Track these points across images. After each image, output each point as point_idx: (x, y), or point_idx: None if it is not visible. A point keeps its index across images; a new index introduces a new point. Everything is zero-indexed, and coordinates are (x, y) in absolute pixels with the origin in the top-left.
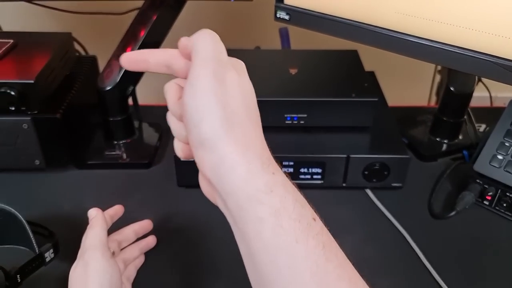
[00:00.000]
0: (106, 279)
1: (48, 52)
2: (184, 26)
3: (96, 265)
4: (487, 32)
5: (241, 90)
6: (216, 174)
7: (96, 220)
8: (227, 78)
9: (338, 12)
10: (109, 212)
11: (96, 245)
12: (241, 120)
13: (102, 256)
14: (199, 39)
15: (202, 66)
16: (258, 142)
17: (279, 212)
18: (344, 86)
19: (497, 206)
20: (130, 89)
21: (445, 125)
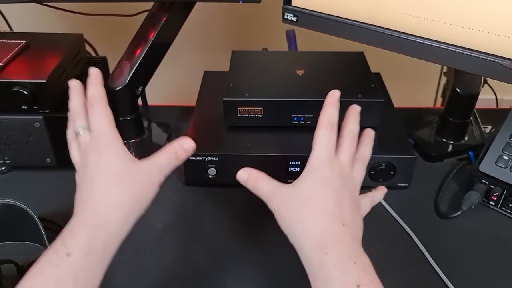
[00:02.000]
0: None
1: (60, 52)
2: (193, 27)
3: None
4: (493, 33)
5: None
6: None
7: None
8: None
9: (345, 13)
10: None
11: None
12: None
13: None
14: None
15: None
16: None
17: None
18: (351, 87)
19: (503, 206)
20: (139, 90)
21: (451, 126)
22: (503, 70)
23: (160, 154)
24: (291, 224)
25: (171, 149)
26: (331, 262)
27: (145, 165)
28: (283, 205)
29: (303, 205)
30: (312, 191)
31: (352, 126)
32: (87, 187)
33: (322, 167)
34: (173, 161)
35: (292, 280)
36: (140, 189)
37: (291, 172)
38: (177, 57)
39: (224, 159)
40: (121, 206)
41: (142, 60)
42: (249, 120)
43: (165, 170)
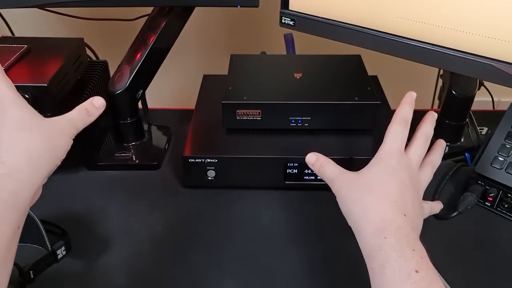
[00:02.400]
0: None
1: (61, 57)
2: (193, 32)
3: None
4: (487, 36)
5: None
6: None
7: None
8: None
9: (342, 17)
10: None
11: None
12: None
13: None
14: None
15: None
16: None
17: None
18: (347, 90)
19: (498, 207)
20: (139, 93)
21: (447, 128)
22: (497, 73)
23: (72, 112)
24: (352, 206)
25: (82, 106)
26: (390, 245)
27: (56, 118)
28: (346, 188)
29: (367, 190)
30: (377, 178)
31: (427, 129)
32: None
33: (390, 158)
34: (85, 116)
35: (291, 282)
36: (50, 136)
37: (289, 174)
38: (176, 61)
39: (223, 161)
40: (30, 152)
41: (142, 64)
42: (247, 122)
43: (76, 123)
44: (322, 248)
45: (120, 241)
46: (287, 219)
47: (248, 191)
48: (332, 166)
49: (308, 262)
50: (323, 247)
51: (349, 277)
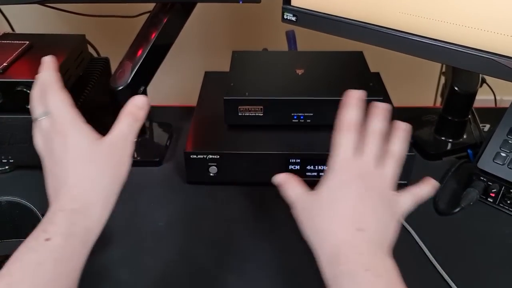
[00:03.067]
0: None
1: (63, 53)
2: (194, 28)
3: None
4: (490, 31)
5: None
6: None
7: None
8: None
9: (344, 13)
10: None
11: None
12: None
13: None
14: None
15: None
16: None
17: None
18: (349, 86)
19: (501, 203)
20: (141, 89)
21: (449, 125)
22: (499, 67)
23: (119, 123)
24: (310, 234)
25: (127, 113)
26: (341, 273)
27: (112, 141)
28: (303, 213)
29: (320, 213)
30: (329, 197)
31: (375, 125)
32: (59, 172)
33: (340, 171)
34: (134, 124)
35: (295, 278)
36: (114, 164)
37: (291, 170)
38: (178, 58)
39: (224, 158)
40: (99, 187)
41: (144, 61)
42: (249, 118)
43: (130, 137)
44: None
45: (122, 237)
46: (290, 215)
47: (250, 188)
48: (295, 187)
49: (312, 256)
50: None
51: None
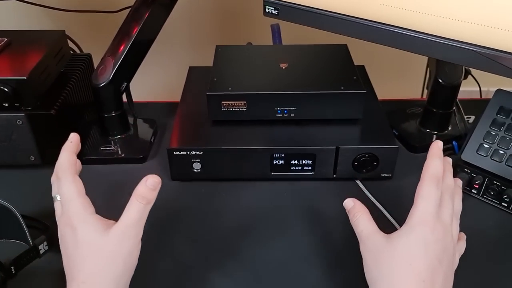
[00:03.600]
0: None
1: (42, 49)
2: (179, 23)
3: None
4: (472, 22)
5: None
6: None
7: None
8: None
9: (326, 5)
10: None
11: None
12: None
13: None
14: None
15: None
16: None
17: None
18: (333, 79)
19: (484, 194)
20: (124, 86)
21: (434, 117)
22: (480, 59)
23: (129, 208)
24: (378, 278)
25: (138, 197)
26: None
27: (119, 231)
28: (373, 254)
29: (395, 264)
30: (408, 250)
31: (450, 181)
32: (71, 264)
33: (424, 226)
34: (144, 208)
35: (279, 274)
36: (124, 254)
37: (276, 165)
38: (162, 53)
39: (208, 154)
40: (108, 280)
41: (126, 56)
42: (233, 114)
43: (141, 222)
44: (309, 239)
45: None
46: (274, 210)
47: (235, 183)
48: (366, 220)
49: (296, 253)
50: (310, 238)
51: (337, 266)
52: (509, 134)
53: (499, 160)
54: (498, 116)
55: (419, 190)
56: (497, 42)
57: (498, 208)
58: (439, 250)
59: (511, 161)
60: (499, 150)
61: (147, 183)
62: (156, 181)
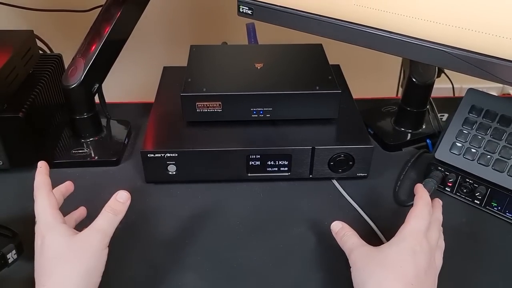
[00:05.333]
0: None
1: (9, 50)
2: (151, 22)
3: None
4: (442, 23)
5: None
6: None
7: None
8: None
9: (300, 5)
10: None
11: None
12: None
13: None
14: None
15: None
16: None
17: None
18: (308, 79)
19: (458, 192)
20: (95, 87)
21: (408, 115)
22: (452, 59)
23: (99, 217)
24: (367, 279)
25: (107, 208)
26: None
27: (84, 234)
28: (363, 260)
29: (384, 266)
30: (397, 256)
31: (439, 215)
32: (39, 271)
33: (413, 239)
34: (113, 218)
35: (254, 275)
36: (85, 259)
37: (252, 166)
38: (136, 53)
39: (183, 155)
40: (72, 283)
41: (97, 57)
42: (208, 115)
43: (107, 231)
44: (286, 240)
45: None
46: (251, 211)
47: (211, 185)
48: (354, 237)
49: (272, 254)
50: (287, 238)
51: (312, 268)
52: (481, 132)
53: (471, 159)
54: (470, 115)
55: (412, 210)
56: (467, 42)
57: (471, 205)
58: (425, 262)
59: (483, 159)
60: (471, 148)
61: (117, 197)
62: (126, 195)
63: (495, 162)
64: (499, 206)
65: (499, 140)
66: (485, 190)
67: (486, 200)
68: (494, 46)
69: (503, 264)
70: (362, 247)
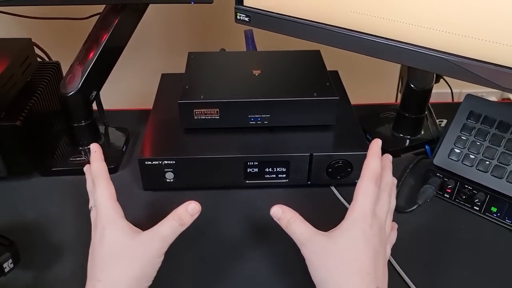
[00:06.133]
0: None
1: (7, 58)
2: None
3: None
4: (440, 30)
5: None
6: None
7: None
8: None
9: (297, 13)
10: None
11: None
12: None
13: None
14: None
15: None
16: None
17: None
18: (306, 86)
19: (456, 198)
20: (93, 94)
21: (407, 121)
22: (449, 66)
23: (164, 222)
24: (325, 279)
25: (175, 215)
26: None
27: (146, 237)
28: (318, 256)
29: (340, 262)
30: (351, 247)
31: (389, 178)
32: (94, 262)
33: (363, 222)
34: (177, 228)
35: (252, 284)
36: (143, 263)
37: (250, 173)
38: (134, 60)
39: (181, 163)
40: (125, 283)
41: (95, 64)
42: (205, 122)
43: (168, 239)
44: (284, 247)
45: (73, 250)
46: (249, 218)
47: (209, 192)
48: (301, 224)
49: (270, 261)
50: (285, 246)
51: (310, 277)
52: (479, 138)
53: (470, 165)
54: (468, 121)
55: (359, 187)
56: (465, 49)
57: (470, 211)
58: (377, 243)
59: (481, 165)
60: (469, 154)
61: (188, 207)
62: (197, 208)
63: (494, 168)
64: (498, 213)
65: (498, 146)
66: (484, 196)
67: (486, 206)
68: (493, 53)
69: (503, 271)
70: (313, 237)
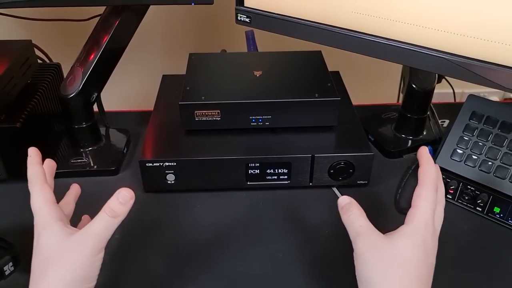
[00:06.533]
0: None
1: (7, 59)
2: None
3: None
4: (441, 30)
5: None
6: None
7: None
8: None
9: (298, 13)
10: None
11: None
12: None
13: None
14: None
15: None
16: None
17: None
18: (307, 87)
19: (459, 199)
20: (94, 96)
21: (409, 122)
22: (451, 66)
23: (95, 218)
24: (376, 278)
25: (106, 208)
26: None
27: (78, 237)
28: (373, 253)
29: (397, 266)
30: (412, 254)
31: (443, 190)
32: (32, 272)
33: (425, 231)
34: (110, 221)
35: (255, 286)
36: (78, 264)
37: (251, 174)
38: (135, 62)
39: (182, 164)
40: (61, 284)
41: (95, 66)
42: (207, 123)
43: (102, 234)
44: (286, 249)
45: None
46: (251, 220)
47: (210, 194)
48: (362, 218)
49: (272, 262)
50: (287, 247)
51: (312, 276)
52: (482, 139)
53: (473, 165)
54: (470, 121)
55: (420, 192)
56: (467, 49)
57: (473, 212)
58: (433, 252)
59: (484, 166)
60: (472, 155)
61: (118, 196)
62: (128, 196)
63: (497, 169)
64: (501, 213)
65: (500, 147)
66: (487, 197)
67: (488, 207)
68: (495, 53)
69: (506, 272)
70: (370, 233)
